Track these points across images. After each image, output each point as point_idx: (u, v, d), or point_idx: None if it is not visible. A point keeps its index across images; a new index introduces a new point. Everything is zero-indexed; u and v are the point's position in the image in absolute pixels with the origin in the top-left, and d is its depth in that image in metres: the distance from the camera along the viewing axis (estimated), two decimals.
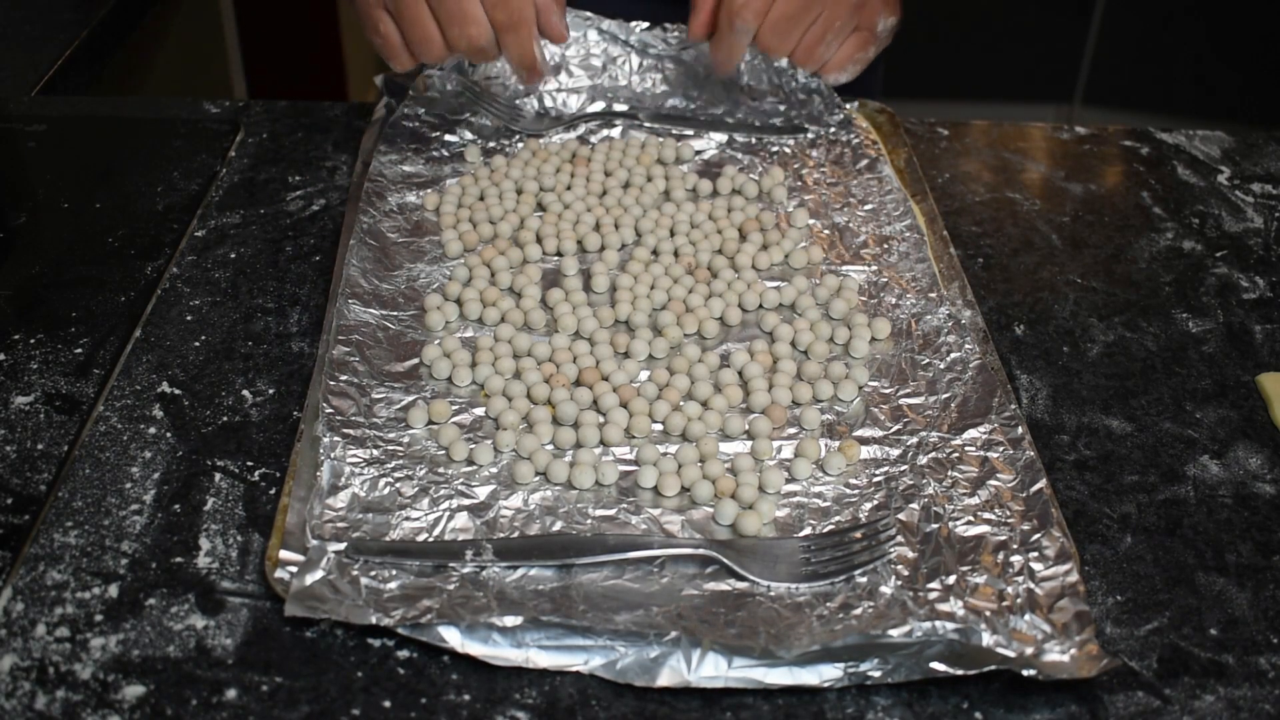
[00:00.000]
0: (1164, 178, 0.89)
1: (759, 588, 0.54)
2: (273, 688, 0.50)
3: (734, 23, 0.80)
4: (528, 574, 0.54)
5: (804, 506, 0.59)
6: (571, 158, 0.86)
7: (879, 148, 0.87)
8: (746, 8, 0.79)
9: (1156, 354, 0.71)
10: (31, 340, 0.68)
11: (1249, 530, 0.60)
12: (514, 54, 0.79)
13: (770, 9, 0.80)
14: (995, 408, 0.63)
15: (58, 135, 0.89)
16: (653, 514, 0.58)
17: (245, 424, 0.63)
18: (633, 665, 0.50)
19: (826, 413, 0.65)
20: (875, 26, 0.82)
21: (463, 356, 0.67)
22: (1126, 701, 0.51)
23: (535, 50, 0.80)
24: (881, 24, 0.83)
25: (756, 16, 0.80)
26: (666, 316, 0.71)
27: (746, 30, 0.80)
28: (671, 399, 0.65)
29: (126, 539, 0.56)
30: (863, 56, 0.84)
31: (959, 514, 0.58)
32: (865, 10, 0.81)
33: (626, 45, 0.92)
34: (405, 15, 0.77)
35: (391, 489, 0.58)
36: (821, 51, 0.82)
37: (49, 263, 0.75)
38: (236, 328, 0.70)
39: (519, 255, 0.76)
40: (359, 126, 0.90)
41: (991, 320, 0.73)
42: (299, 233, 0.79)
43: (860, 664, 0.50)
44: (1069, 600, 0.53)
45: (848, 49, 0.83)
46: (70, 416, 0.63)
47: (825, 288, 0.74)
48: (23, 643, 0.51)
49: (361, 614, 0.51)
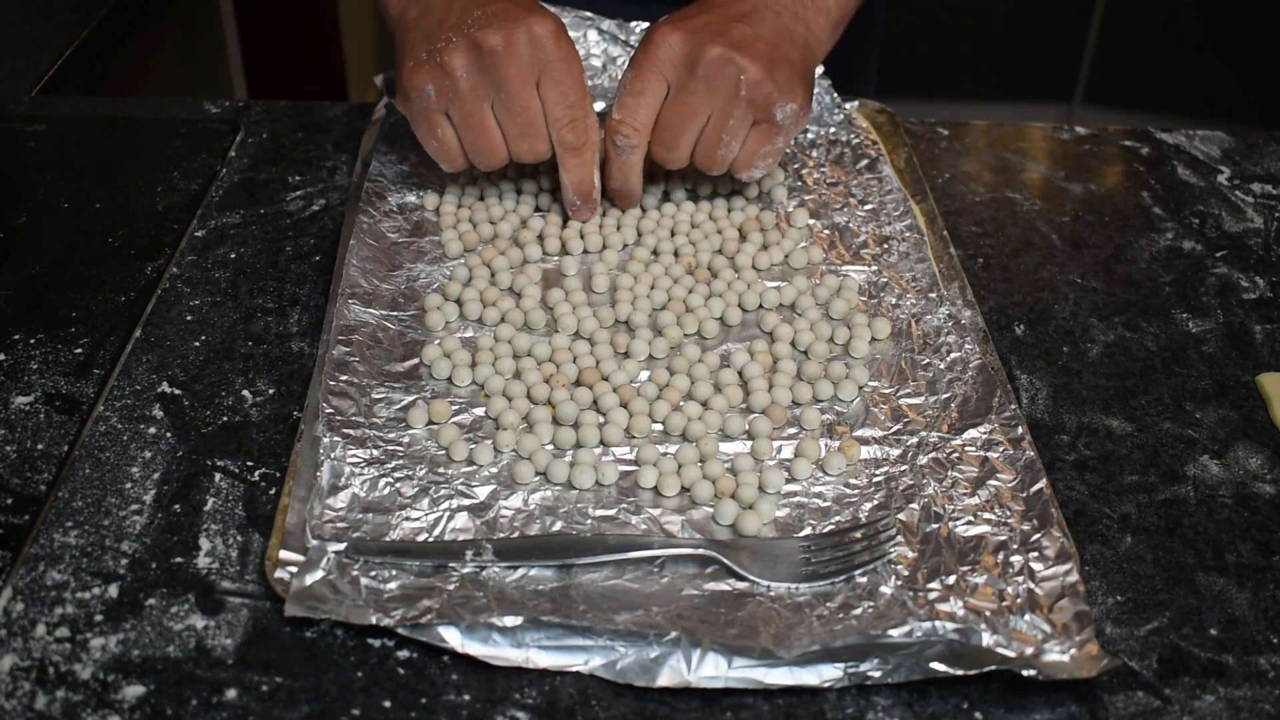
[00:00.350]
0: (1164, 178, 0.89)
1: (759, 588, 0.54)
2: (273, 688, 0.50)
3: (616, 140, 0.75)
4: (528, 574, 0.54)
5: (804, 506, 0.59)
6: None
7: (879, 148, 0.87)
8: (624, 123, 0.74)
9: (1156, 354, 0.71)
10: (31, 340, 0.68)
11: (1249, 530, 0.60)
12: (574, 177, 0.75)
13: (652, 121, 0.74)
14: (995, 408, 0.63)
15: (58, 135, 0.89)
16: (653, 514, 0.58)
17: (245, 424, 0.63)
18: (633, 665, 0.50)
19: (826, 413, 0.65)
20: (774, 118, 0.74)
21: (463, 356, 0.67)
22: (1126, 701, 0.51)
23: (594, 178, 0.76)
24: (780, 113, 0.74)
25: (638, 132, 0.74)
26: (666, 316, 0.71)
27: (631, 146, 0.75)
28: (671, 399, 0.65)
29: (126, 539, 0.56)
30: (770, 149, 0.76)
31: (959, 514, 0.58)
32: (758, 104, 0.73)
33: (626, 45, 0.92)
34: (470, 124, 0.73)
35: (391, 489, 0.58)
36: (721, 154, 0.75)
37: (49, 263, 0.75)
38: (236, 328, 0.70)
39: (519, 255, 0.76)
40: (359, 126, 0.90)
41: (991, 320, 0.73)
42: (299, 233, 0.79)
43: (860, 664, 0.50)
44: (1069, 600, 0.53)
45: (751, 145, 0.76)
46: (70, 416, 0.63)
47: (825, 288, 0.74)
48: (23, 643, 0.51)
49: (361, 614, 0.51)
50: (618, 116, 0.74)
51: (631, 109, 0.74)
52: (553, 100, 0.72)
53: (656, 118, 0.74)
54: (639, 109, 0.74)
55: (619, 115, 0.74)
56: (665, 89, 0.74)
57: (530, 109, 0.72)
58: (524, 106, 0.72)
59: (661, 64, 0.73)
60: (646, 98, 0.74)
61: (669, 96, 0.74)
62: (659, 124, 0.74)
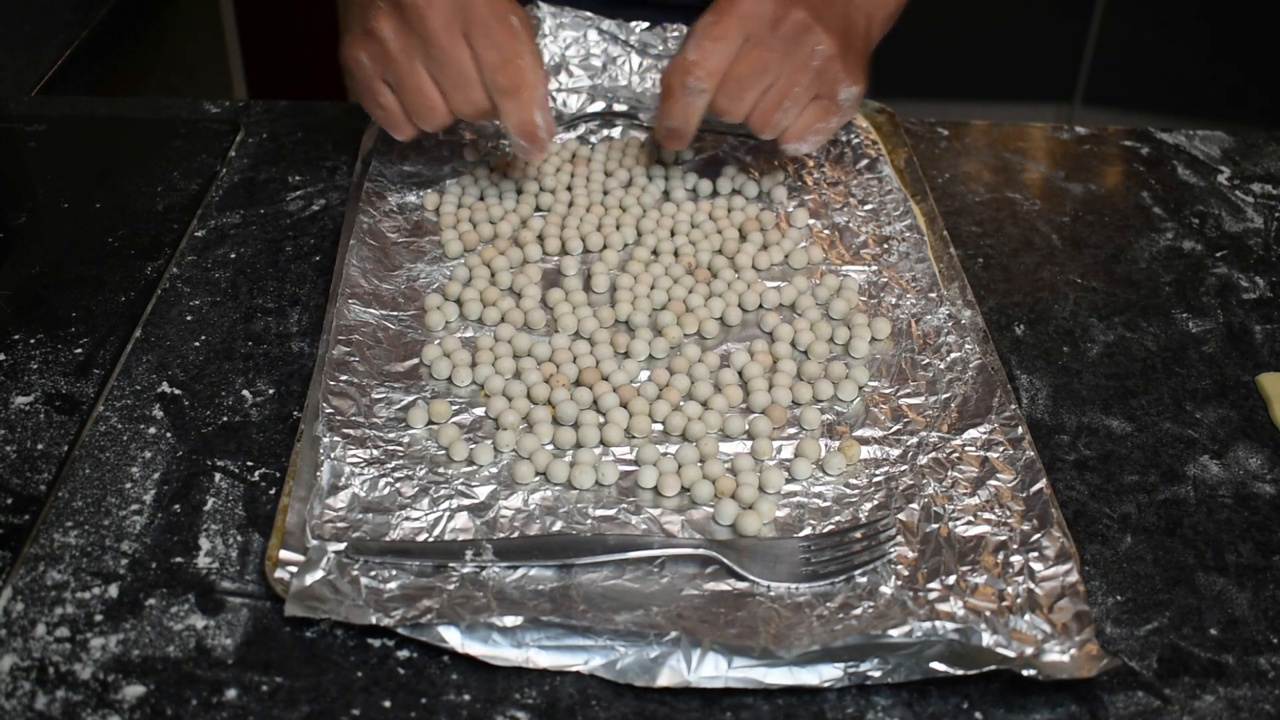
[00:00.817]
0: (1164, 178, 0.89)
1: (759, 588, 0.54)
2: (273, 688, 0.50)
3: (686, 80, 0.74)
4: (528, 574, 0.54)
5: (804, 506, 0.59)
6: (571, 158, 0.86)
7: (879, 148, 0.87)
8: (699, 65, 0.73)
9: (1156, 354, 0.71)
10: (31, 340, 0.68)
11: (1249, 530, 0.60)
12: (514, 120, 0.73)
13: (724, 70, 0.74)
14: (995, 408, 0.63)
15: (58, 135, 0.89)
16: (653, 514, 0.58)
17: (245, 424, 0.63)
18: (633, 665, 0.50)
19: (826, 413, 0.65)
20: (837, 95, 0.76)
21: (463, 356, 0.67)
22: (1126, 701, 0.51)
23: (537, 118, 0.74)
24: (843, 93, 0.76)
25: (710, 76, 0.74)
26: (666, 316, 0.71)
27: (701, 90, 0.74)
28: (671, 399, 0.65)
29: (126, 539, 0.56)
30: (824, 126, 0.77)
31: (959, 514, 0.58)
32: (825, 78, 0.75)
33: (626, 45, 0.92)
34: (406, 85, 0.73)
35: (391, 489, 0.58)
36: (779, 118, 0.76)
37: (49, 263, 0.75)
38: (236, 328, 0.70)
39: (519, 255, 0.76)
40: (359, 126, 0.90)
41: (991, 320, 0.73)
42: (299, 233, 0.79)
43: (860, 664, 0.50)
44: (1069, 600, 0.53)
45: (808, 118, 0.77)
46: (70, 416, 0.63)
47: (825, 288, 0.74)
48: (23, 643, 0.51)
49: (361, 614, 0.51)
50: (693, 58, 0.73)
51: (708, 53, 0.73)
52: (482, 47, 0.72)
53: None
54: (715, 54, 0.73)
55: (694, 57, 0.73)
56: (742, 40, 0.74)
57: (459, 60, 0.72)
58: (452, 58, 0.72)
59: (744, 15, 0.73)
60: (725, 45, 0.73)
61: (743, 47, 0.74)
62: (728, 74, 0.74)
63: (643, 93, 0.92)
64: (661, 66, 0.92)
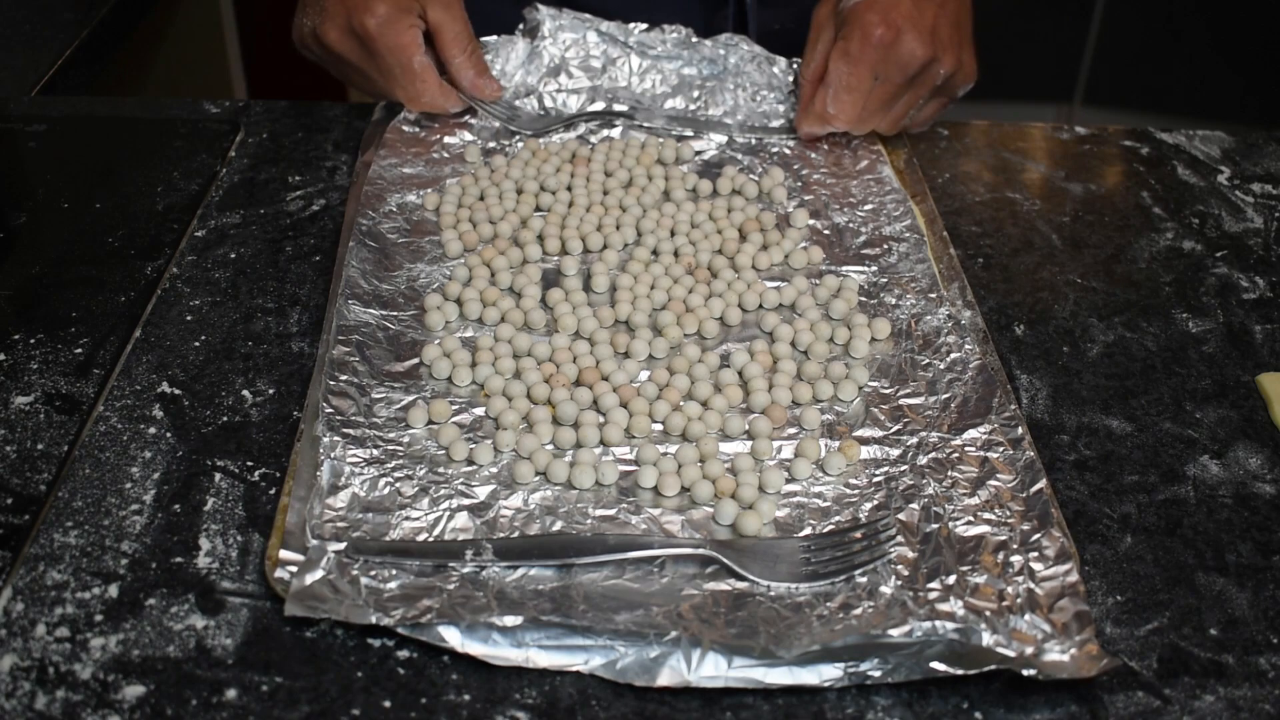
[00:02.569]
0: (1164, 178, 0.89)
1: (759, 588, 0.54)
2: (273, 688, 0.50)
3: (825, 118, 0.84)
4: (528, 574, 0.54)
5: (804, 506, 0.59)
6: (571, 158, 0.86)
7: (879, 148, 0.87)
8: (837, 118, 0.83)
9: (1156, 354, 0.71)
10: (31, 340, 0.68)
11: (1249, 530, 0.60)
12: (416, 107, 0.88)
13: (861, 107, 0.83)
14: (995, 408, 0.63)
15: (58, 135, 0.89)
16: (653, 514, 0.58)
17: (245, 424, 0.63)
18: (633, 665, 0.50)
19: (826, 413, 0.65)
20: (955, 96, 0.86)
21: (463, 356, 0.67)
22: (1126, 701, 0.51)
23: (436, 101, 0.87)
24: (961, 90, 0.86)
25: (848, 123, 0.84)
26: (666, 316, 0.71)
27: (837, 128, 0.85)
28: (671, 399, 0.65)
29: (126, 539, 0.56)
30: (937, 117, 0.88)
31: (959, 514, 0.58)
32: (946, 89, 0.85)
33: (626, 46, 0.92)
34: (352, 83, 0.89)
35: (391, 489, 0.58)
36: (905, 123, 0.86)
37: (49, 263, 0.75)
38: (236, 328, 0.70)
39: (519, 255, 0.76)
40: (359, 126, 0.90)
41: (991, 320, 0.73)
42: (299, 233, 0.79)
43: (860, 664, 0.50)
44: (1069, 600, 0.53)
45: (925, 113, 0.87)
46: (70, 416, 0.63)
47: (825, 288, 0.74)
48: (23, 643, 0.51)
49: (361, 614, 0.51)
50: (832, 111, 0.83)
51: (845, 105, 0.83)
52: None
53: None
54: (851, 105, 0.83)
55: (834, 110, 0.83)
56: (874, 81, 0.82)
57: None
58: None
59: (874, 61, 0.81)
60: (858, 95, 0.82)
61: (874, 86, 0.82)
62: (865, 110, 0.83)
63: (642, 93, 0.92)
64: (661, 67, 0.92)
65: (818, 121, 0.85)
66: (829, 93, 0.83)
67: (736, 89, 0.91)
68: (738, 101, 0.91)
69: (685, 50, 0.91)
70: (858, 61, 0.81)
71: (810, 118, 0.85)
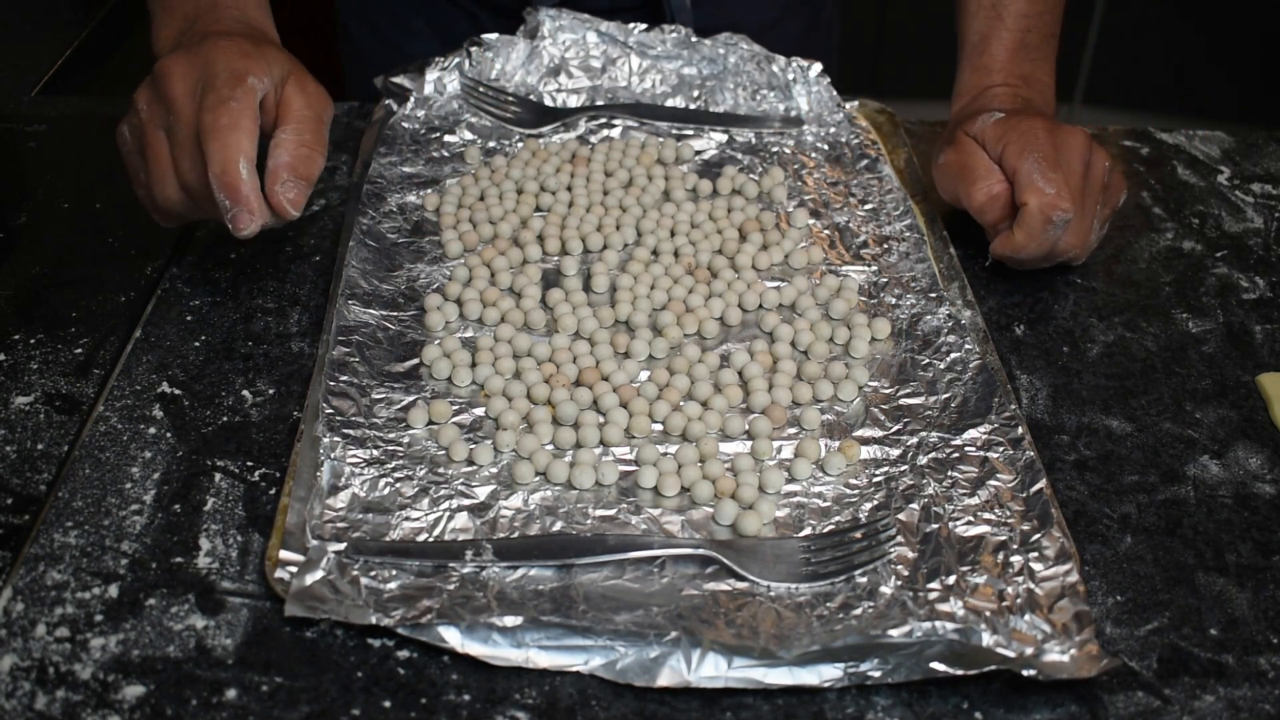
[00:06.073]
0: (1164, 178, 0.89)
1: (759, 588, 0.54)
2: (273, 688, 0.50)
3: (1053, 215, 0.71)
4: (528, 574, 0.54)
5: (804, 506, 0.59)
6: (571, 158, 0.86)
7: (879, 148, 0.87)
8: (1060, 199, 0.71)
9: (1156, 354, 0.71)
10: (31, 340, 0.68)
11: (1249, 530, 0.60)
12: (215, 166, 0.64)
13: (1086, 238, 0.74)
14: (995, 408, 0.63)
15: (58, 135, 0.89)
16: (653, 514, 0.58)
17: (245, 424, 0.63)
18: (633, 665, 0.50)
19: (826, 413, 0.65)
20: (1118, 204, 0.78)
21: (463, 356, 0.67)
22: (1126, 701, 0.51)
23: (241, 169, 0.64)
24: (1121, 200, 0.78)
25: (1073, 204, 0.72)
26: (666, 316, 0.71)
27: (1066, 220, 0.72)
28: (671, 399, 0.65)
29: (126, 539, 0.56)
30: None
31: (959, 514, 0.58)
32: (1110, 192, 0.76)
33: (626, 47, 0.92)
34: (147, 154, 0.68)
35: (391, 489, 0.58)
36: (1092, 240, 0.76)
37: (49, 263, 0.75)
38: (236, 328, 0.70)
39: (519, 255, 0.76)
40: (359, 126, 0.90)
41: (991, 320, 0.73)
42: (299, 233, 0.79)
43: (860, 664, 0.50)
44: (1069, 600, 0.53)
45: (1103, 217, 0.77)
46: (70, 416, 0.63)
47: (825, 288, 0.74)
48: (23, 643, 0.51)
49: (361, 614, 0.51)
50: (1051, 192, 0.71)
51: (1060, 185, 0.71)
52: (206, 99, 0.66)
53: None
54: (1066, 186, 0.72)
55: (1053, 191, 0.71)
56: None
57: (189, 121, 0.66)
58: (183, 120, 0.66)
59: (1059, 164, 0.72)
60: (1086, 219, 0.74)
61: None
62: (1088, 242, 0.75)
63: (642, 93, 0.92)
64: (661, 67, 0.92)
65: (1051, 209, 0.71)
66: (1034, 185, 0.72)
67: (736, 88, 0.91)
68: (738, 101, 0.91)
69: (685, 50, 0.91)
70: (1049, 161, 0.72)
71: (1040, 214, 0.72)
